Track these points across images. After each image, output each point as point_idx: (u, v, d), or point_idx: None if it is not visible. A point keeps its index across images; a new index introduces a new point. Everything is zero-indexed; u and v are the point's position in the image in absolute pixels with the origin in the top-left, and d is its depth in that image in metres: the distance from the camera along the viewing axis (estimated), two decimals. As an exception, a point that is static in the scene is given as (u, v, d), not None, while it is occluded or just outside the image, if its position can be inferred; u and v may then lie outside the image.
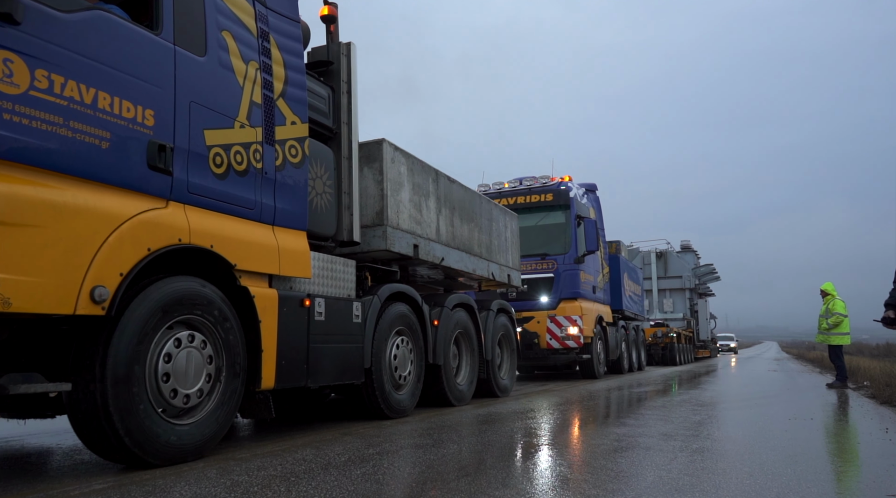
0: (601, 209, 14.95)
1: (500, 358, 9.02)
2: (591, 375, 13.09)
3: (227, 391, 4.10)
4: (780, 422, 5.98)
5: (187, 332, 3.85)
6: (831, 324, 11.09)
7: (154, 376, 3.65)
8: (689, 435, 5.02)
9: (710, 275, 33.95)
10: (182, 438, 3.78)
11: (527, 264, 12.76)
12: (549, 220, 13.05)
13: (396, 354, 6.18)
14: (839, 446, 4.90)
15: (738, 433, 5.28)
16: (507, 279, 9.19)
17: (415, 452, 4.27)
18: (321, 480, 3.37)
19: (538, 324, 12.50)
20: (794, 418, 6.20)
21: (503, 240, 9.12)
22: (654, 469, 3.66)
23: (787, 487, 3.21)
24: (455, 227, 7.63)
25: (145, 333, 3.56)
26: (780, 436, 5.04)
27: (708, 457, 4.08)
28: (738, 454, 4.19)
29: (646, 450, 4.29)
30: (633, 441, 4.68)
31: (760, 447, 4.44)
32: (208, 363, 3.98)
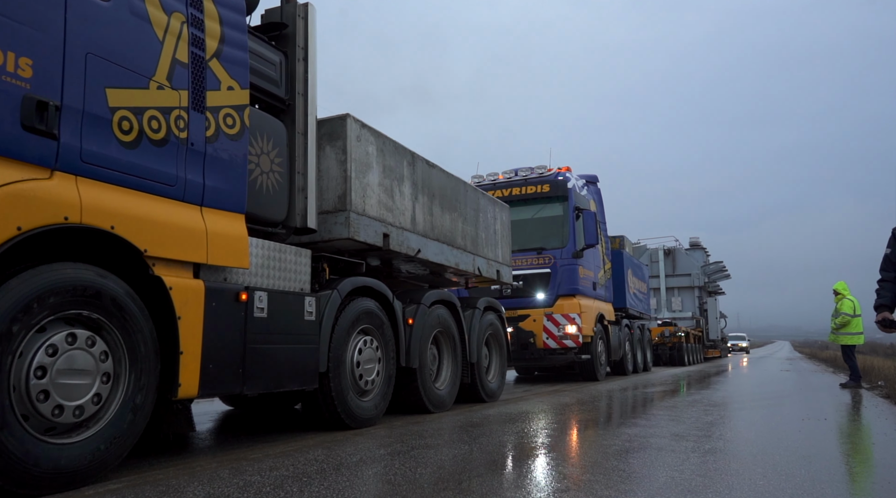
0: (602, 202, 14.21)
1: (488, 360, 8.32)
2: (591, 376, 12.36)
3: (129, 402, 3.43)
4: (793, 422, 5.95)
5: (66, 332, 3.17)
6: (838, 324, 11.13)
7: (25, 388, 2.98)
8: (701, 435, 4.98)
9: (720, 273, 33.06)
10: (72, 461, 3.12)
11: (522, 259, 12.05)
12: (546, 213, 12.33)
13: (360, 356, 5.49)
14: (853, 447, 4.83)
15: (750, 434, 5.24)
16: (497, 275, 8.49)
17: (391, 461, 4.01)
18: (333, 480, 3.40)
19: (534, 322, 11.79)
20: (807, 419, 6.18)
21: (492, 232, 8.42)
22: (665, 470, 3.63)
23: (801, 489, 3.17)
24: (434, 216, 6.94)
25: (5, 335, 2.89)
26: (794, 436, 5.00)
27: (721, 457, 4.06)
28: (751, 455, 4.15)
29: (657, 450, 4.28)
30: (645, 442, 4.65)
31: (773, 448, 4.42)
32: (102, 366, 3.31)
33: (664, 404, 7.60)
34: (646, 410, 6.98)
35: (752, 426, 5.84)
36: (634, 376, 14.49)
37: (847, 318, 11.00)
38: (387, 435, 5.06)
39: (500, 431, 5.25)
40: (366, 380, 5.55)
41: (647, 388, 11.05)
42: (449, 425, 5.75)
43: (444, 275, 7.89)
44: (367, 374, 5.57)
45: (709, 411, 6.96)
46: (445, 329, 7.05)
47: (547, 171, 12.57)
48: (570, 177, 12.46)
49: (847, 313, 11.01)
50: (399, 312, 6.18)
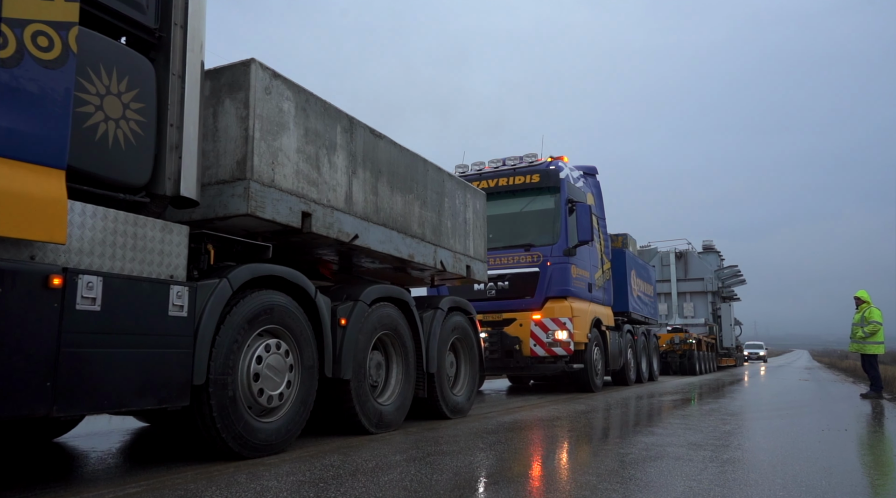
0: (602, 196, 12.97)
1: (455, 369, 7.14)
2: (585, 387, 11.10)
3: None
4: (812, 432, 5.93)
5: None
6: (868, 332, 10.73)
7: None
8: (719, 445, 4.94)
9: (735, 277, 31.58)
10: None
11: (508, 257, 10.85)
12: (536, 206, 11.13)
13: (261, 365, 4.33)
14: (875, 459, 4.77)
15: (769, 444, 5.19)
16: (467, 271, 7.30)
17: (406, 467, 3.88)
18: (350, 485, 3.42)
19: (520, 327, 10.58)
20: (827, 429, 6.14)
21: (461, 221, 7.24)
22: (683, 479, 3.60)
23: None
24: (381, 196, 5.78)
25: None
26: (814, 447, 4.98)
27: (739, 468, 4.02)
28: (770, 465, 4.12)
29: (675, 460, 4.25)
30: (662, 450, 4.63)
31: (793, 458, 4.39)
32: None
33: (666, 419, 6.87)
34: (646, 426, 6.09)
35: (771, 436, 5.74)
36: (638, 387, 13.21)
37: (878, 326, 10.63)
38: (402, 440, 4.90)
39: (453, 460, 4.24)
40: (269, 395, 4.38)
41: (650, 399, 9.81)
42: (400, 445, 4.76)
43: (408, 270, 6.74)
44: (272, 387, 4.41)
45: (726, 420, 6.88)
46: (394, 332, 5.88)
47: (537, 159, 11.37)
48: (563, 166, 11.25)
49: (878, 321, 10.66)
50: (325, 309, 5.02)
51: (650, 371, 15.60)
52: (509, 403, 9.09)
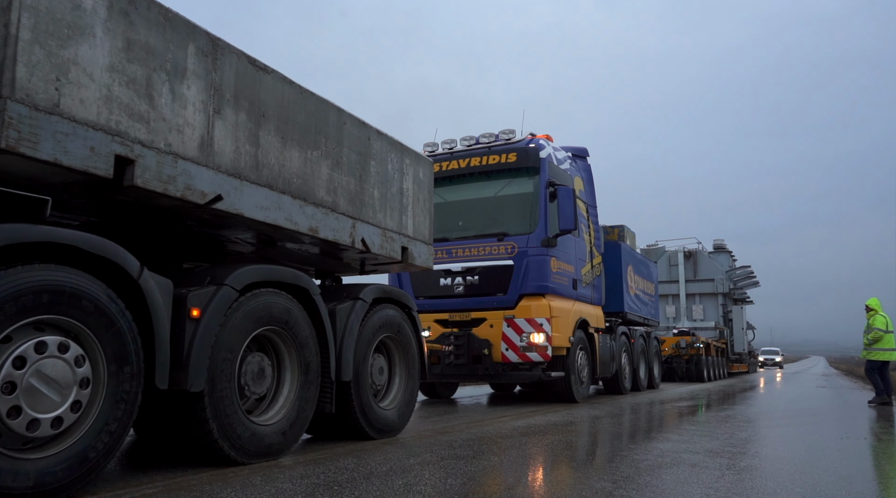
0: (592, 181, 11.49)
1: (387, 377, 5.73)
2: (567, 396, 9.62)
3: None
4: (831, 440, 5.88)
5: None
6: (870, 339, 10.91)
7: None
8: (736, 452, 4.91)
9: (748, 279, 29.87)
10: None
11: (479, 247, 9.41)
12: (512, 189, 9.68)
13: (26, 373, 2.93)
14: None
15: (787, 452, 5.16)
16: (402, 254, 5.87)
17: None
18: (364, 489, 3.44)
19: (491, 328, 9.13)
20: (846, 437, 6.07)
21: (395, 192, 5.81)
22: (700, 487, 3.58)
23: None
24: (265, 148, 4.37)
25: None
26: (832, 455, 4.95)
27: (757, 476, 3.97)
28: (789, 474, 4.07)
29: (691, 467, 4.21)
30: (678, 457, 4.61)
31: (811, 467, 4.35)
32: None
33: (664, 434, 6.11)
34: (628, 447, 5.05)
35: (789, 444, 5.68)
36: (633, 395, 11.69)
37: (880, 333, 10.77)
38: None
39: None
40: (34, 418, 2.98)
41: (644, 410, 8.34)
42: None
43: (334, 252, 5.36)
44: (46, 406, 3.00)
45: (743, 428, 6.80)
46: (287, 329, 4.47)
47: (515, 137, 9.93)
48: (544, 145, 9.80)
49: (880, 329, 10.79)
50: (159, 296, 3.62)
51: (650, 378, 14.07)
52: (473, 415, 7.64)
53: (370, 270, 6.18)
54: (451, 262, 9.51)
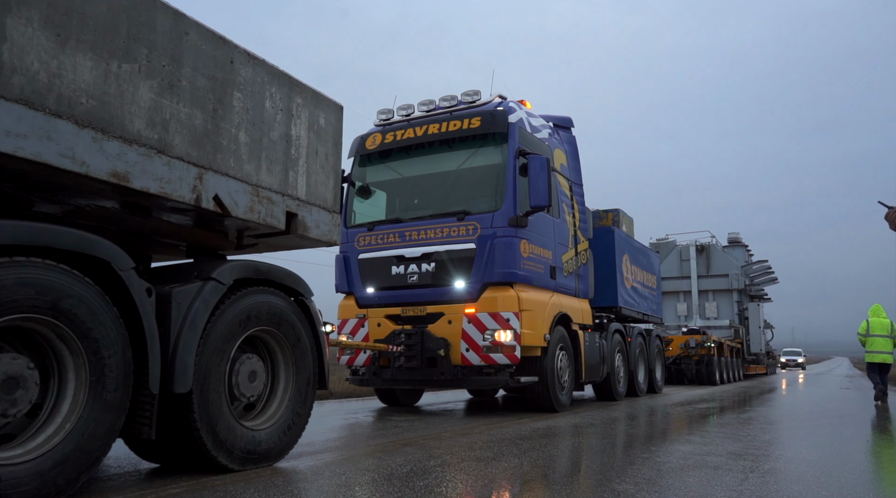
0: (578, 156, 10.00)
1: (268, 385, 4.33)
2: (545, 405, 8.17)
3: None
4: (857, 443, 5.88)
5: None
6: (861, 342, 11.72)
7: None
8: (760, 455, 4.82)
9: (765, 274, 28.08)
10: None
11: (436, 229, 7.99)
12: (476, 161, 8.24)
13: None
14: None
15: (812, 455, 5.04)
16: (287, 221, 4.45)
17: None
18: (385, 491, 3.44)
19: (449, 325, 7.70)
20: (872, 440, 6.11)
21: (278, 139, 4.39)
22: (724, 490, 3.52)
23: (871, 518, 2.96)
24: (19, 43, 2.99)
25: None
26: (859, 458, 4.97)
27: (781, 479, 3.90)
28: (815, 477, 3.99)
29: (714, 469, 4.14)
30: (700, 459, 4.54)
31: (838, 470, 4.26)
32: None
33: None
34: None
35: (814, 446, 5.58)
36: (629, 402, 10.19)
37: (861, 338, 11.63)
38: None
39: None
40: None
41: (636, 421, 6.86)
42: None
43: (190, 220, 3.98)
44: None
45: (766, 429, 6.74)
46: (66, 318, 3.08)
47: (481, 100, 8.49)
48: (514, 108, 8.36)
49: (859, 333, 11.67)
50: None
51: (651, 381, 12.53)
52: (425, 427, 6.22)
53: (250, 244, 4.77)
54: (405, 246, 8.10)
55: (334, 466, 4.33)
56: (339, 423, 7.33)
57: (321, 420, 7.58)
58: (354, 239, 8.49)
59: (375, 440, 5.63)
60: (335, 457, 4.68)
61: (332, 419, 7.73)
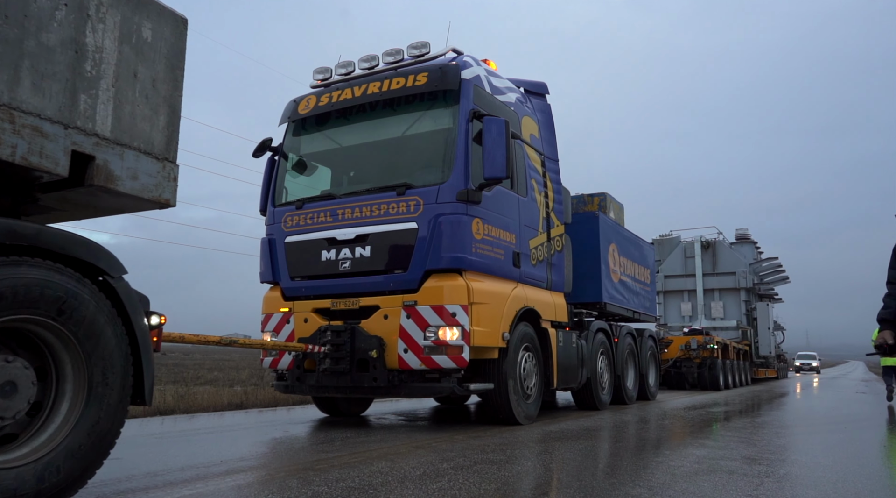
0: (553, 128, 8.64)
1: (30, 399, 3.02)
2: (504, 416, 6.83)
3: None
4: (874, 448, 5.87)
5: None
6: None
7: None
8: (775, 459, 4.80)
9: (776, 273, 26.52)
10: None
11: (373, 206, 6.68)
12: (422, 126, 6.92)
13: None
14: None
15: (827, 459, 4.97)
16: (86, 169, 3.14)
17: None
18: (398, 493, 3.44)
19: (385, 321, 6.38)
20: (889, 445, 6.06)
21: (56, 45, 3.03)
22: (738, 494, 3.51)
23: (890, 524, 2.81)
24: None
25: None
26: (876, 464, 4.95)
27: (797, 484, 3.89)
28: (831, 482, 3.95)
29: (729, 474, 4.11)
30: (715, 464, 4.50)
31: (855, 475, 4.22)
32: None
33: None
34: None
35: (829, 451, 5.53)
36: (615, 411, 8.82)
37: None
38: None
39: None
40: None
41: (623, 434, 5.52)
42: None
43: None
44: None
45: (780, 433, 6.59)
46: None
47: (430, 54, 7.16)
48: (470, 63, 7.03)
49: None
50: None
51: (643, 387, 11.12)
52: (341, 446, 4.93)
53: (32, 201, 3.42)
54: (337, 227, 6.78)
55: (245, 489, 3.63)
56: (259, 438, 6.04)
57: (231, 435, 6.28)
58: (282, 219, 7.19)
59: (297, 459, 4.34)
60: (247, 479, 3.91)
61: (253, 433, 6.44)
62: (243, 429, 6.86)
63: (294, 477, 3.96)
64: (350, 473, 4.07)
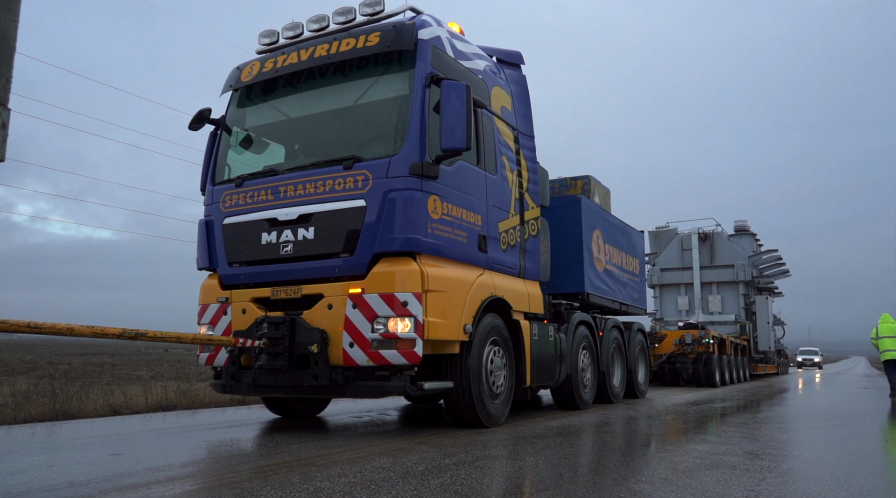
0: (529, 102, 7.88)
1: None
2: (468, 418, 6.11)
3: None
4: (876, 443, 5.88)
5: None
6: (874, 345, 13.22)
7: None
8: (778, 455, 4.77)
9: (775, 266, 25.76)
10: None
11: (317, 182, 5.94)
12: (376, 93, 6.17)
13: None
14: None
15: (830, 455, 4.93)
16: None
17: None
18: (400, 488, 3.42)
19: (329, 311, 5.64)
20: (893, 440, 6.08)
21: None
22: (741, 489, 3.49)
23: (895, 520, 2.77)
24: None
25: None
26: (878, 459, 4.93)
27: (800, 479, 3.88)
28: (833, 477, 3.95)
29: (731, 469, 4.10)
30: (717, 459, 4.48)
31: (857, 470, 4.21)
32: None
33: None
34: None
35: (832, 447, 5.45)
36: (598, 411, 8.10)
37: (874, 342, 13.01)
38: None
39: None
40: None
41: (606, 440, 4.81)
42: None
43: None
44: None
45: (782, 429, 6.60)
46: None
47: (384, 12, 6.41)
48: (429, 22, 6.28)
49: (871, 338, 13.09)
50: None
51: (632, 384, 10.38)
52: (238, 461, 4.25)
53: None
54: (279, 206, 6.05)
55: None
56: (194, 443, 5.34)
57: (168, 440, 5.58)
58: (220, 199, 6.46)
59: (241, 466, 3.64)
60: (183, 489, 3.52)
61: (193, 438, 5.73)
62: (180, 432, 6.14)
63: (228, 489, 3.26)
64: (248, 492, 3.35)
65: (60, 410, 7.31)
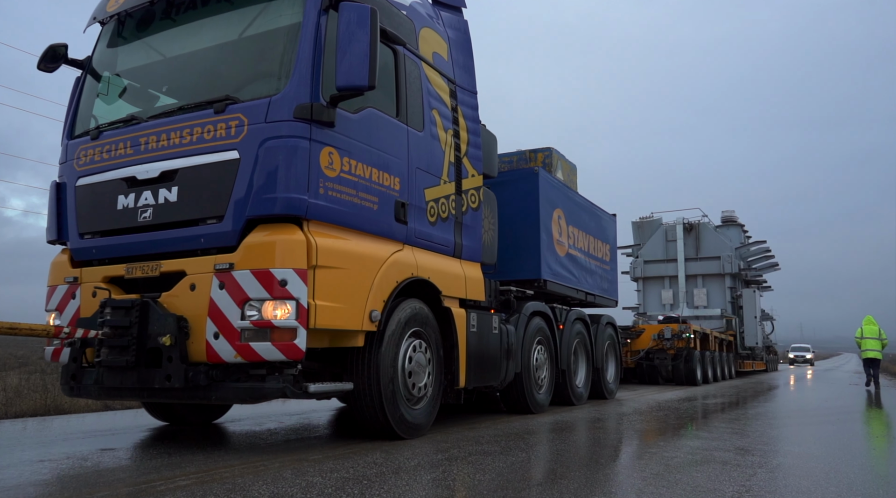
0: (471, 51, 6.66)
1: None
2: (377, 426, 4.93)
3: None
4: (866, 439, 5.89)
5: None
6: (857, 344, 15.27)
7: None
8: (768, 450, 4.77)
9: (764, 258, 24.73)
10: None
11: (181, 132, 4.70)
12: (263, 24, 4.94)
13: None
14: None
15: (820, 450, 4.96)
16: None
17: None
18: (392, 483, 3.37)
19: (191, 293, 4.42)
20: (881, 436, 6.11)
21: None
22: (732, 485, 3.47)
23: (883, 513, 2.76)
24: None
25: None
26: (868, 454, 4.94)
27: (790, 474, 3.90)
28: (823, 472, 3.96)
29: (722, 465, 4.12)
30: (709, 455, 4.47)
31: (846, 466, 4.22)
32: None
33: None
34: None
35: (822, 442, 5.48)
36: (554, 413, 6.95)
37: (857, 340, 15.13)
38: None
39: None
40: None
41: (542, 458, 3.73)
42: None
43: None
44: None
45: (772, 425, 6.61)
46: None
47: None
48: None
49: (856, 337, 15.21)
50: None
51: (599, 383, 9.22)
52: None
53: None
54: (139, 162, 4.81)
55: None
56: (41, 457, 4.19)
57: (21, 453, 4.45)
58: (75, 155, 5.22)
59: None
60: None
61: (49, 450, 4.54)
62: (42, 444, 4.93)
63: None
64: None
65: (52, 406, 7.22)
